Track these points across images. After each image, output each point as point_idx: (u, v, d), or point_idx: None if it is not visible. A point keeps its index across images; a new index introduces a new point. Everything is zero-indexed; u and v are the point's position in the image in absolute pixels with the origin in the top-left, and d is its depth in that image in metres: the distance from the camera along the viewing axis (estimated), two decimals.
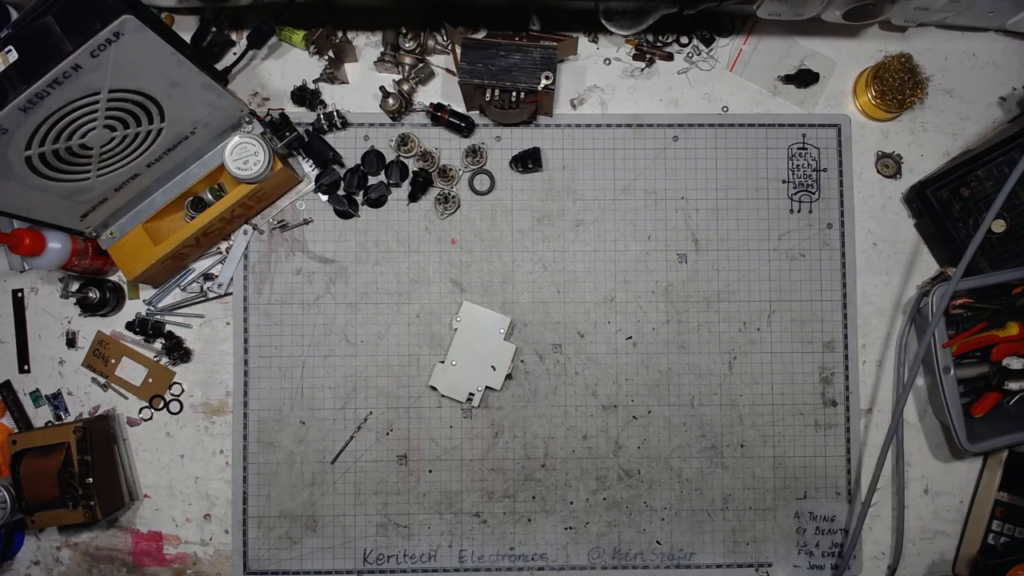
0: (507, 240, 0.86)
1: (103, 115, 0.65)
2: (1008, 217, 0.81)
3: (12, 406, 0.86)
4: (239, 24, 0.87)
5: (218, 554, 0.85)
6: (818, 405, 0.86)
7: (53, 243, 0.77)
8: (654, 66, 0.88)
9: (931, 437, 0.88)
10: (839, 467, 0.86)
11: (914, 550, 0.87)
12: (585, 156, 0.87)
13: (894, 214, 0.88)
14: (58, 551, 0.86)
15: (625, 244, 0.87)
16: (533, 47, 0.79)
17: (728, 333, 0.86)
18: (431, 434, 0.85)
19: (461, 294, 0.86)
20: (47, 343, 0.86)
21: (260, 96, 0.87)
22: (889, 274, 0.88)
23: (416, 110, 0.87)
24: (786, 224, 0.87)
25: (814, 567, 0.86)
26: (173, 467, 0.86)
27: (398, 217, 0.86)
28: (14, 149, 0.62)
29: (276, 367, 0.85)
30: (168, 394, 0.86)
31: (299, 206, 0.86)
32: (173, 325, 0.86)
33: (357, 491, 0.85)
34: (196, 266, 0.86)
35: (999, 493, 0.84)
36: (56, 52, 0.58)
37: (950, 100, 0.89)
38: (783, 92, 0.88)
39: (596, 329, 0.86)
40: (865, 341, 0.87)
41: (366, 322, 0.86)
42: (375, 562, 0.84)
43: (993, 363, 0.83)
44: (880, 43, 0.89)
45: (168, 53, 0.64)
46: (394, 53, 0.86)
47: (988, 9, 0.83)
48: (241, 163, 0.76)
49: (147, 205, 0.80)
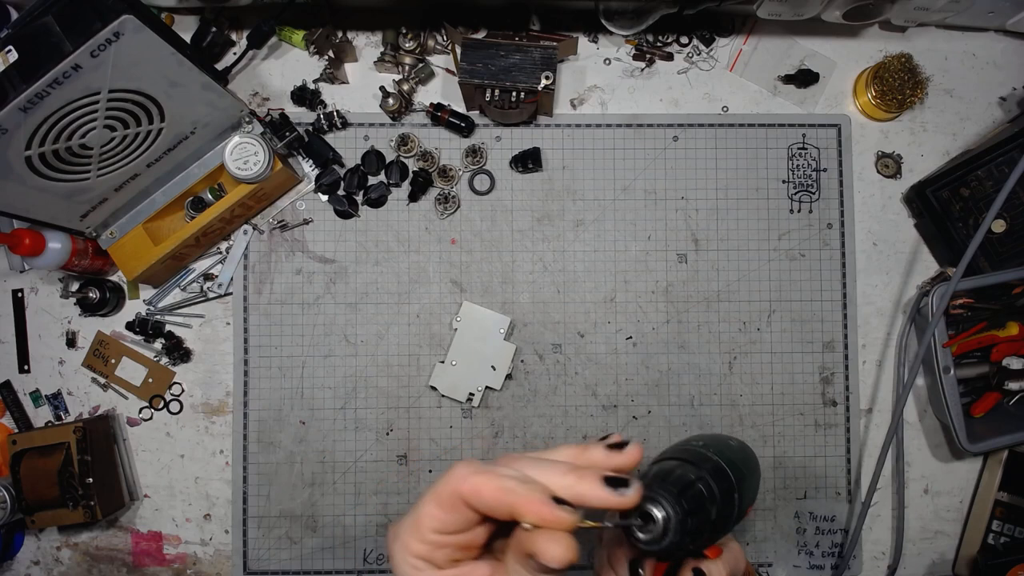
0: (507, 240, 0.86)
1: (103, 115, 0.65)
2: (1008, 217, 0.81)
3: (12, 406, 0.86)
4: (239, 24, 0.87)
5: (218, 554, 0.85)
6: (818, 405, 0.86)
7: (53, 243, 0.77)
8: (654, 66, 0.88)
9: (931, 437, 0.88)
10: (839, 467, 0.86)
11: (914, 550, 0.87)
12: (585, 156, 0.87)
13: (894, 214, 0.88)
14: (58, 551, 0.86)
15: (625, 244, 0.87)
16: (533, 47, 0.79)
17: (728, 333, 0.86)
18: (431, 434, 0.85)
19: (461, 294, 0.86)
20: (47, 343, 0.86)
21: (260, 96, 0.87)
22: (889, 274, 0.88)
23: (416, 110, 0.87)
24: (786, 224, 0.87)
25: (814, 567, 0.86)
26: (173, 467, 0.86)
27: (398, 217, 0.86)
28: (14, 149, 0.62)
29: (276, 367, 0.85)
30: (168, 394, 0.86)
31: (299, 206, 0.86)
32: (173, 325, 0.86)
33: (357, 491, 0.85)
34: (196, 266, 0.86)
35: (999, 493, 0.84)
36: (56, 52, 0.58)
37: (950, 100, 0.89)
38: (783, 92, 0.88)
39: (596, 329, 0.86)
40: (865, 341, 0.87)
41: (366, 322, 0.86)
42: (375, 562, 0.84)
43: (993, 363, 0.83)
44: (880, 43, 0.89)
45: (168, 53, 0.64)
46: (394, 53, 0.86)
47: (988, 9, 0.83)
48: (241, 163, 0.76)
49: (147, 205, 0.80)
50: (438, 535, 0.35)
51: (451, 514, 0.34)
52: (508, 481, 0.33)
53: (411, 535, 0.35)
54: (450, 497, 0.34)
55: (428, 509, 0.35)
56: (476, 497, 0.33)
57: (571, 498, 0.34)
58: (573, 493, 0.34)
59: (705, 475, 0.41)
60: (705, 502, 0.40)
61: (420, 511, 0.35)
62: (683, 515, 0.36)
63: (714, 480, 0.41)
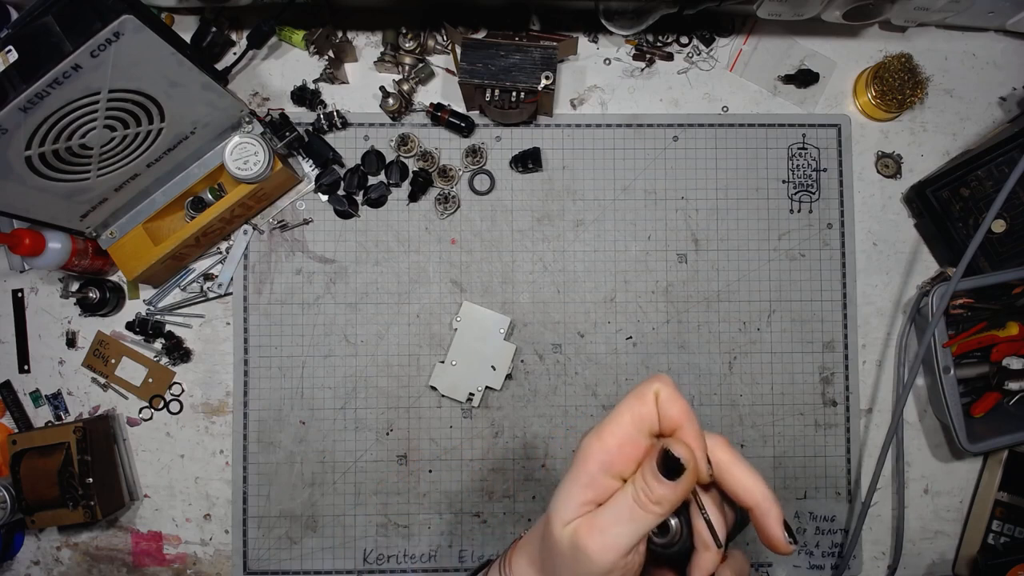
0: (507, 240, 0.86)
1: (103, 115, 0.65)
2: (1008, 217, 0.81)
3: (12, 406, 0.86)
4: (239, 24, 0.87)
5: (218, 554, 0.85)
6: (818, 405, 0.86)
7: (53, 243, 0.77)
8: (654, 66, 0.88)
9: (931, 437, 0.88)
10: (839, 467, 0.86)
11: (914, 550, 0.87)
12: (585, 156, 0.87)
13: (894, 214, 0.88)
14: (58, 551, 0.86)
15: (625, 244, 0.87)
16: (533, 47, 0.79)
17: (728, 333, 0.86)
18: (431, 434, 0.85)
19: (461, 294, 0.86)
20: (47, 343, 0.86)
21: (260, 96, 0.87)
22: (889, 274, 0.88)
23: (416, 110, 0.87)
24: (786, 224, 0.87)
25: (814, 567, 0.86)
26: (173, 467, 0.86)
27: (398, 217, 0.86)
28: (14, 149, 0.62)
29: (276, 367, 0.85)
30: (168, 394, 0.86)
31: (299, 206, 0.86)
32: (173, 325, 0.86)
33: (357, 491, 0.85)
34: (196, 266, 0.86)
35: (999, 493, 0.84)
36: (56, 52, 0.58)
37: (950, 100, 0.89)
38: (783, 92, 0.88)
39: (596, 329, 0.86)
40: (865, 341, 0.87)
41: (366, 322, 0.86)
42: (375, 562, 0.84)
43: (993, 363, 0.83)
44: (880, 43, 0.89)
45: (168, 53, 0.64)
46: (394, 53, 0.86)
47: (988, 9, 0.83)
48: (241, 163, 0.76)
49: (147, 205, 0.80)
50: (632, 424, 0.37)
51: (644, 406, 0.37)
52: (692, 414, 0.37)
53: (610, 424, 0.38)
54: (647, 390, 0.37)
55: (628, 402, 0.38)
56: (666, 401, 0.37)
57: (757, 504, 0.38)
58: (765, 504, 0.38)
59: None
60: None
61: (620, 406, 0.38)
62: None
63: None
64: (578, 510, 0.37)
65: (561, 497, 0.38)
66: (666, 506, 0.36)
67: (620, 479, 0.37)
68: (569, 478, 0.38)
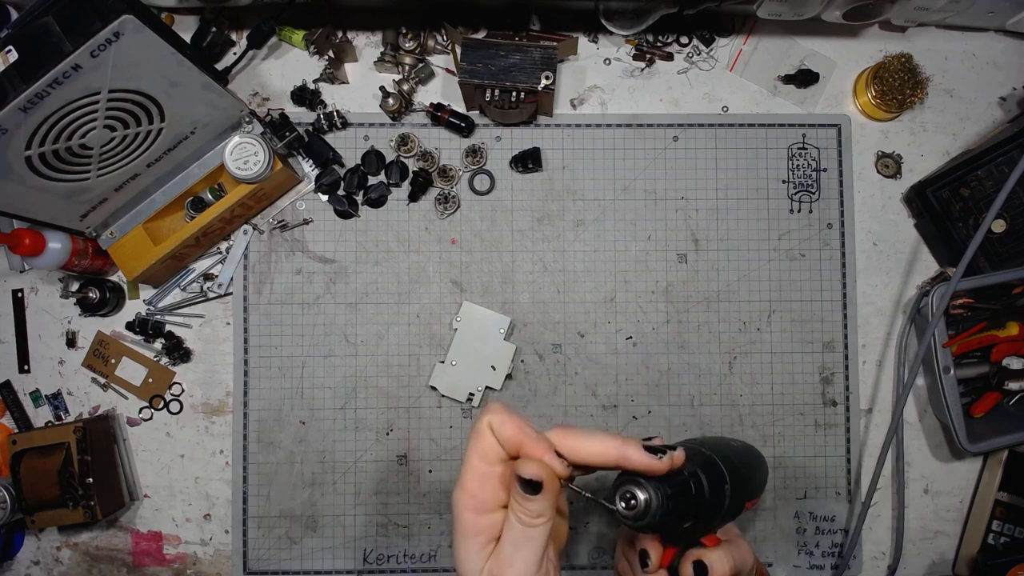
0: (507, 240, 0.86)
1: (103, 115, 0.65)
2: (1008, 217, 0.81)
3: (12, 406, 0.86)
4: (239, 24, 0.87)
5: (218, 554, 0.85)
6: (818, 405, 0.86)
7: (53, 243, 0.77)
8: (654, 66, 0.88)
9: (931, 437, 0.88)
10: (839, 467, 0.86)
11: (914, 550, 0.87)
12: (585, 156, 0.87)
13: (894, 214, 0.88)
14: (58, 551, 0.86)
15: (625, 244, 0.87)
16: (533, 47, 0.79)
17: (728, 333, 0.86)
18: (431, 434, 0.85)
19: (461, 294, 0.86)
20: (47, 343, 0.86)
21: (260, 96, 0.87)
22: (889, 274, 0.88)
23: (416, 110, 0.87)
24: (786, 224, 0.87)
25: (814, 567, 0.86)
26: (173, 467, 0.86)
27: (398, 217, 0.86)
28: (14, 149, 0.62)
29: (276, 367, 0.85)
30: (168, 394, 0.86)
31: (299, 206, 0.86)
32: (173, 325, 0.86)
33: (357, 491, 0.85)
34: (196, 266, 0.86)
35: (999, 493, 0.84)
36: (56, 52, 0.58)
37: (950, 100, 0.89)
38: (783, 92, 0.88)
39: (596, 329, 0.86)
40: (865, 341, 0.87)
41: (366, 322, 0.86)
42: (375, 562, 0.84)
43: (993, 363, 0.83)
44: (880, 43, 0.89)
45: (168, 53, 0.64)
46: (394, 53, 0.86)
47: (988, 9, 0.83)
48: (241, 163, 0.76)
49: (147, 205, 0.80)
50: (480, 463, 0.41)
51: (483, 442, 0.41)
52: (526, 427, 0.40)
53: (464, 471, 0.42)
54: (482, 425, 0.41)
55: (471, 443, 0.42)
56: (499, 427, 0.40)
57: (616, 458, 0.40)
58: (618, 452, 0.40)
59: (695, 467, 0.46)
60: (689, 488, 0.45)
61: (467, 449, 0.43)
62: (663, 498, 0.41)
63: (703, 471, 0.46)
64: (480, 557, 0.41)
65: (461, 555, 0.42)
66: (548, 513, 0.39)
67: (500, 508, 0.41)
68: (457, 536, 0.42)
